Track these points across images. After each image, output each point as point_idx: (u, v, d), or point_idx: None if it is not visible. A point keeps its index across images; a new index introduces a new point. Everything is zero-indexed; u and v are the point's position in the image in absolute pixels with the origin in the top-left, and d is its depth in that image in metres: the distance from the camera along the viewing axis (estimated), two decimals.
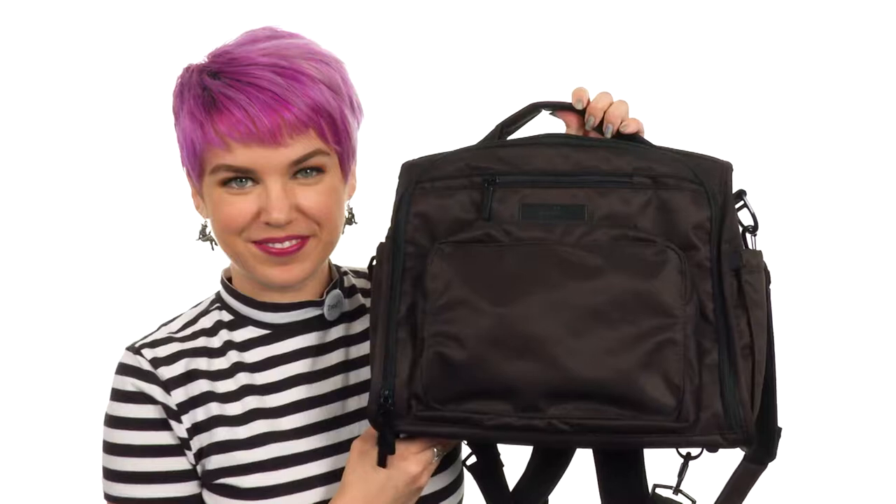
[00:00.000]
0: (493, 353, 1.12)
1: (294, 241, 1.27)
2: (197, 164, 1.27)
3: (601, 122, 1.23)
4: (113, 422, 1.30)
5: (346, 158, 1.29)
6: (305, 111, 1.22)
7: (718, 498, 1.26)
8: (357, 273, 1.45)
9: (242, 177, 1.25)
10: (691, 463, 1.21)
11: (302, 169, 1.25)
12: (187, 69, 1.30)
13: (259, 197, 1.25)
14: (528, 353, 1.11)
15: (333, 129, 1.25)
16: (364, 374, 1.37)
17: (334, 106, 1.25)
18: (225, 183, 1.26)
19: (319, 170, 1.26)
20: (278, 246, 1.27)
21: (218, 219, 1.28)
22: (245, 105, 1.21)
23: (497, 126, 1.26)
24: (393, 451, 1.18)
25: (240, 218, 1.26)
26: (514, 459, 1.35)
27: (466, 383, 1.14)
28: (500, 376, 1.12)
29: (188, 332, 1.35)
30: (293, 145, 1.23)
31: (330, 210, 1.28)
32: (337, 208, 1.30)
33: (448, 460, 1.37)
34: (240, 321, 1.36)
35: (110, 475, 1.31)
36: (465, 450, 1.38)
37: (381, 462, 1.19)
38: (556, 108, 1.26)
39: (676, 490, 1.24)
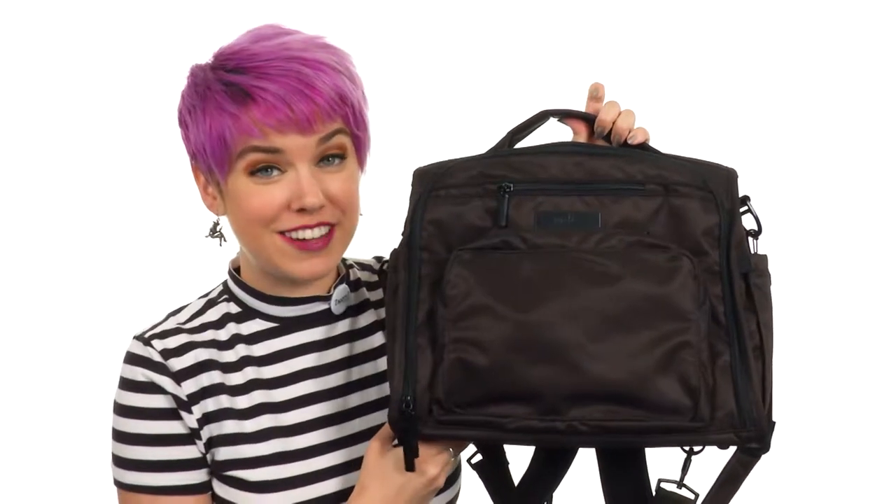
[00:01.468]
0: (515, 358, 1.15)
1: (323, 229, 1.28)
2: (226, 156, 1.26)
3: (610, 131, 1.26)
4: (123, 410, 1.31)
5: (363, 146, 1.33)
6: (335, 98, 1.25)
7: (712, 488, 1.29)
8: (362, 266, 1.47)
9: (268, 165, 1.26)
10: (693, 458, 1.27)
11: (326, 156, 1.27)
12: (198, 68, 1.30)
13: (288, 185, 1.26)
14: (549, 358, 1.14)
15: (354, 117, 1.29)
16: (368, 369, 1.39)
17: (355, 95, 1.29)
18: (252, 173, 1.26)
19: (341, 156, 1.29)
20: (308, 235, 1.27)
21: (246, 210, 1.28)
22: (281, 94, 1.22)
23: (507, 134, 1.29)
24: (417, 455, 1.20)
25: (270, 208, 1.26)
26: (519, 456, 1.37)
27: (488, 388, 1.16)
28: (522, 381, 1.15)
29: (196, 323, 1.35)
30: (323, 132, 1.26)
31: (353, 197, 1.31)
32: (357, 196, 1.33)
33: None
34: (247, 314, 1.37)
35: (121, 462, 1.32)
36: (470, 448, 1.40)
37: (410, 466, 1.21)
38: (565, 115, 1.29)
39: (680, 484, 1.29)
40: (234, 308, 1.38)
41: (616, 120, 1.25)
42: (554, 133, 1.29)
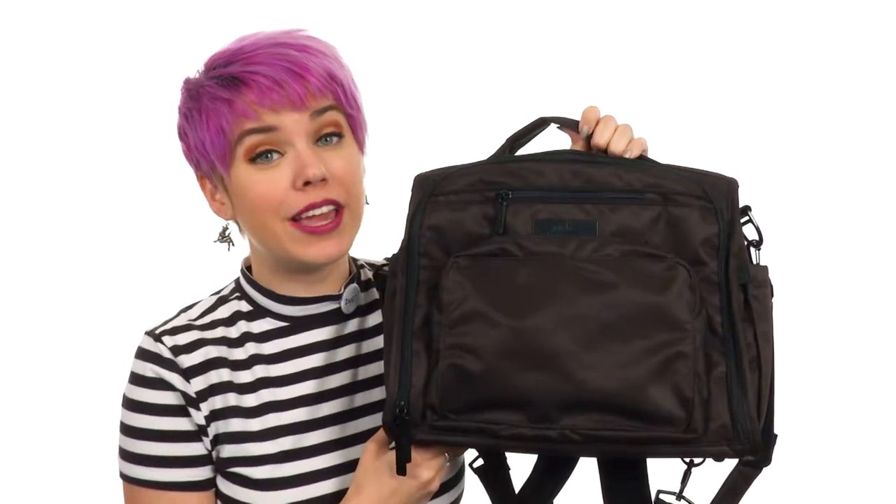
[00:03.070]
0: (509, 364, 1.15)
1: (331, 208, 1.29)
2: (226, 146, 1.28)
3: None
4: (131, 405, 1.33)
5: (358, 126, 1.34)
6: (324, 76, 1.27)
7: (713, 501, 1.29)
8: (372, 266, 1.47)
9: (267, 149, 1.27)
10: (694, 469, 1.26)
11: (323, 136, 1.29)
12: (190, 78, 1.33)
13: (289, 165, 1.28)
14: (542, 366, 1.14)
15: (345, 96, 1.30)
16: (373, 369, 1.40)
17: (343, 76, 1.31)
18: (252, 160, 1.28)
19: (339, 135, 1.30)
20: (317, 213, 1.28)
21: (252, 198, 1.29)
22: (272, 74, 1.25)
23: (507, 140, 1.29)
24: (409, 460, 1.21)
25: (276, 191, 1.27)
26: (520, 462, 1.37)
27: (482, 394, 1.16)
28: (515, 387, 1.15)
29: (207, 320, 1.37)
30: (315, 107, 1.28)
31: (355, 175, 1.32)
32: (360, 176, 1.34)
33: None
34: (258, 312, 1.38)
35: (127, 456, 1.34)
36: (472, 452, 1.40)
37: (401, 470, 1.21)
38: (564, 123, 1.28)
39: (679, 496, 1.28)
40: (245, 306, 1.39)
41: (610, 142, 1.23)
42: (555, 140, 1.29)
